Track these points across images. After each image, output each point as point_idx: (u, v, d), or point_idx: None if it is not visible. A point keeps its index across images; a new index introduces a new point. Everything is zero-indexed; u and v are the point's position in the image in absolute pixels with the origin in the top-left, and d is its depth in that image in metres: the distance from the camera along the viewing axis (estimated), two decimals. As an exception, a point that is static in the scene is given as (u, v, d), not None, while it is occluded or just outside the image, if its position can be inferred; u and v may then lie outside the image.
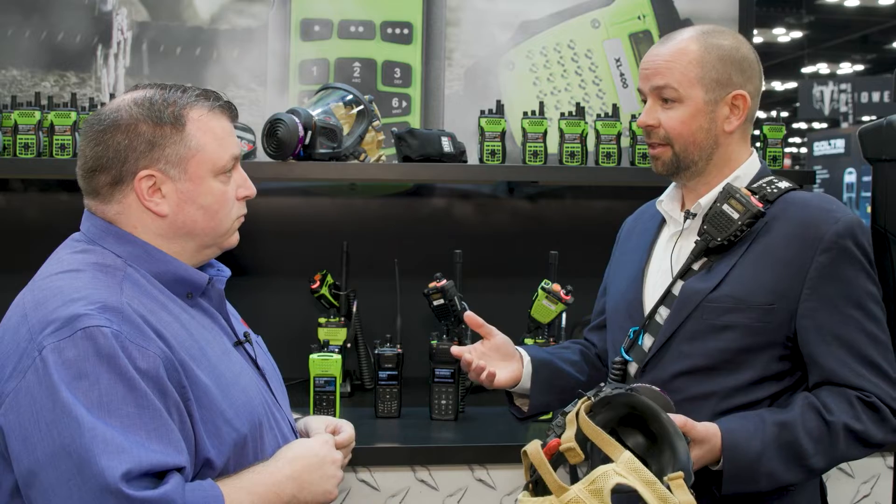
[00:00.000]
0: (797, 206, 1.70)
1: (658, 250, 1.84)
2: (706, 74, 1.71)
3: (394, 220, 2.94)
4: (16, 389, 1.31)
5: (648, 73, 1.75)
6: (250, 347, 1.58)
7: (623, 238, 2.01)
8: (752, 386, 1.67)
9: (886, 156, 2.52)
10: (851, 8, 15.65)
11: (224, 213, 1.50)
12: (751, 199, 1.68)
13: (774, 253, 1.67)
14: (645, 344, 1.76)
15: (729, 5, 3.00)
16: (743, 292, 1.66)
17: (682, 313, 1.70)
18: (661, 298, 1.74)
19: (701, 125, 1.73)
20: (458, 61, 2.93)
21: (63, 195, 2.80)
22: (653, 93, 1.75)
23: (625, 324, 1.80)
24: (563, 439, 1.46)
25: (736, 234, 1.67)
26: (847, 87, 16.08)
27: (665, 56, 1.74)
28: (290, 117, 2.36)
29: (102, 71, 2.80)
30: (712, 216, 1.69)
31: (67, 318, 1.32)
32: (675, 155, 1.74)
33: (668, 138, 1.74)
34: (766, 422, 1.61)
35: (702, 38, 1.73)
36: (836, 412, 1.61)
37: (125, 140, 1.43)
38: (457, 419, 2.38)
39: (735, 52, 1.73)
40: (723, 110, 1.73)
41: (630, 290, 1.82)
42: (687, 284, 1.71)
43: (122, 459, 1.26)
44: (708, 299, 1.67)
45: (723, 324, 1.66)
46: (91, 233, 1.47)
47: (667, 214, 1.84)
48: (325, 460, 1.52)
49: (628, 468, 1.37)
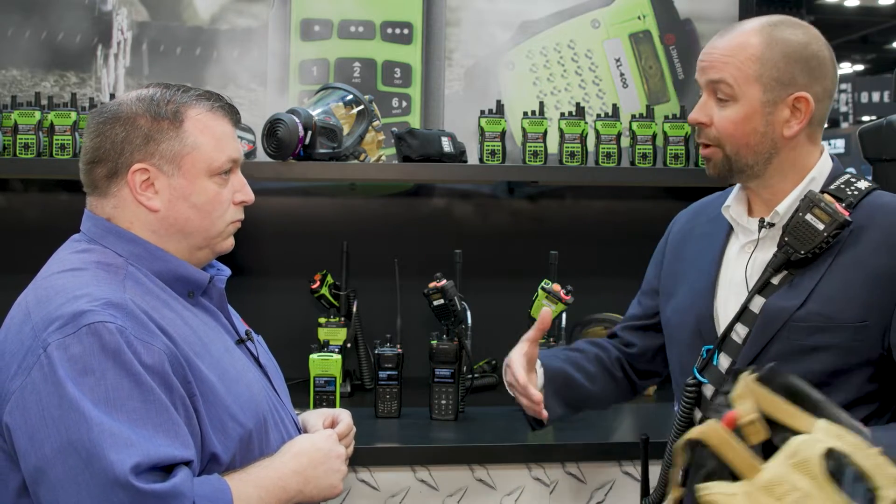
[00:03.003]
0: (885, 211, 1.55)
1: (728, 261, 1.68)
2: (766, 72, 1.56)
3: (394, 220, 2.94)
4: (21, 387, 1.31)
5: (704, 66, 1.61)
6: (252, 345, 1.59)
7: (678, 241, 1.83)
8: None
9: (886, 156, 2.52)
10: (851, 8, 15.65)
11: (217, 214, 1.50)
12: (837, 208, 1.52)
13: (864, 264, 1.52)
14: (721, 364, 1.61)
15: (729, 5, 3.00)
16: (832, 310, 1.52)
17: (766, 333, 1.55)
18: (738, 315, 1.59)
19: (755, 127, 1.58)
20: (458, 61, 2.93)
21: (63, 195, 2.80)
22: (707, 87, 1.61)
23: (694, 341, 1.66)
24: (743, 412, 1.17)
25: (821, 247, 1.53)
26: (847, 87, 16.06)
27: (723, 49, 1.59)
28: (290, 117, 2.36)
29: (102, 71, 2.80)
30: (794, 227, 1.54)
31: (72, 314, 1.32)
32: (726, 157, 1.61)
33: (718, 139, 1.60)
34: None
35: (766, 31, 1.57)
36: None
37: (123, 132, 1.44)
38: (457, 419, 2.38)
39: (803, 50, 1.57)
40: (782, 112, 1.57)
41: (699, 304, 1.67)
42: (770, 301, 1.56)
43: (130, 453, 1.26)
44: (794, 318, 1.53)
45: (812, 345, 1.52)
46: (92, 232, 1.48)
47: (734, 222, 1.68)
48: (330, 455, 1.52)
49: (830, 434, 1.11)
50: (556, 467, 2.20)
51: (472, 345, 2.50)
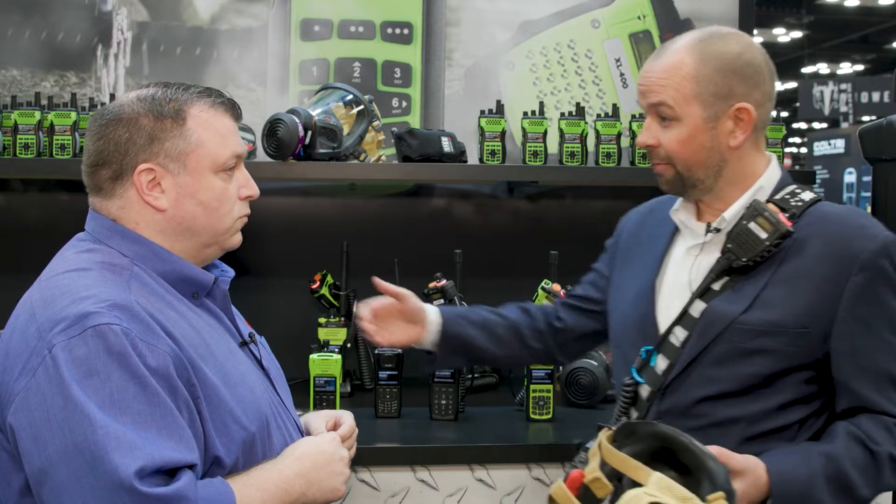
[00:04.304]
0: (828, 222, 1.59)
1: (672, 263, 1.71)
2: (704, 89, 1.58)
3: (394, 220, 2.94)
4: (26, 388, 1.31)
5: (643, 90, 1.64)
6: (255, 348, 1.58)
7: (625, 239, 1.89)
8: (780, 410, 1.58)
9: (886, 156, 2.53)
10: (851, 8, 15.65)
11: (224, 210, 1.50)
12: (780, 218, 1.57)
13: (807, 274, 1.56)
14: (659, 366, 1.65)
15: (729, 5, 3.00)
16: (776, 315, 1.56)
17: (707, 336, 1.59)
18: (679, 318, 1.63)
19: (702, 144, 1.61)
20: (458, 61, 2.93)
21: (63, 195, 2.80)
22: (650, 110, 1.64)
23: (637, 341, 1.69)
24: (588, 470, 1.33)
25: (763, 255, 1.57)
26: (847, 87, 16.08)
27: (659, 71, 1.61)
28: (290, 117, 2.36)
29: (102, 71, 2.80)
30: (738, 234, 1.58)
31: (77, 315, 1.32)
32: (678, 174, 1.64)
33: (668, 157, 1.64)
34: (812, 453, 1.52)
35: (698, 48, 1.60)
36: (880, 441, 1.52)
37: (126, 133, 1.44)
38: (457, 419, 2.38)
39: (736, 60, 1.59)
40: (726, 125, 1.60)
41: (641, 304, 1.71)
42: (713, 305, 1.60)
43: (135, 456, 1.26)
44: (738, 322, 1.57)
45: (754, 348, 1.56)
46: (97, 232, 1.48)
47: (682, 225, 1.72)
48: (333, 458, 1.52)
49: (660, 487, 1.25)
50: (556, 467, 2.20)
51: (472, 345, 2.50)
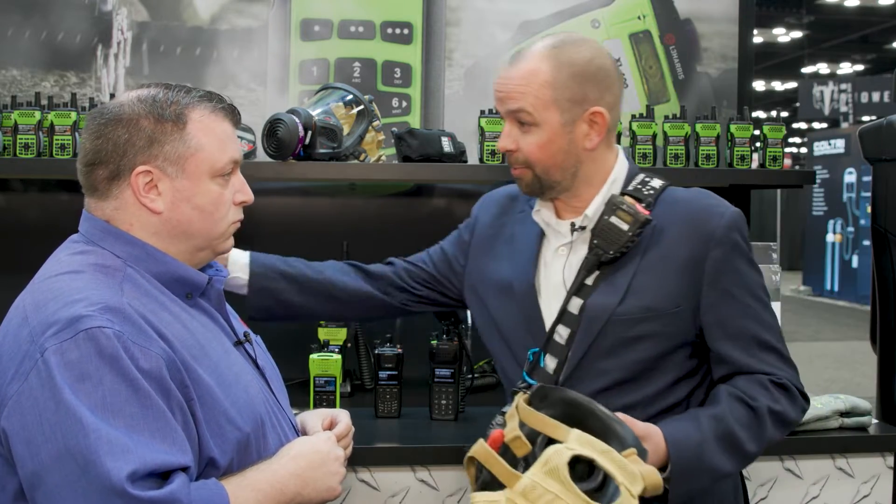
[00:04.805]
0: (681, 205, 1.71)
1: (545, 263, 1.77)
2: (560, 95, 1.65)
3: (394, 220, 2.93)
4: (18, 392, 1.31)
5: (501, 97, 1.70)
6: (250, 347, 1.58)
7: (483, 227, 1.92)
8: (670, 388, 1.70)
9: (886, 156, 2.53)
10: (851, 8, 15.65)
11: (219, 215, 1.50)
12: (637, 208, 1.67)
13: (670, 256, 1.68)
14: (548, 366, 1.71)
15: (729, 5, 3.00)
16: (650, 300, 1.66)
17: (592, 331, 1.67)
18: (559, 317, 1.70)
19: (560, 147, 1.68)
20: (458, 61, 2.93)
21: (63, 195, 2.80)
22: (508, 116, 1.70)
23: (526, 342, 1.75)
24: (507, 430, 1.40)
25: (628, 246, 1.66)
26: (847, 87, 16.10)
27: (517, 78, 1.67)
28: (290, 117, 2.36)
29: (102, 71, 2.80)
30: (601, 229, 1.68)
31: (69, 319, 1.32)
32: (536, 177, 1.71)
33: (527, 162, 1.70)
34: (701, 418, 1.63)
35: (553, 55, 1.66)
36: (758, 397, 1.65)
37: (125, 134, 1.43)
38: (457, 419, 2.38)
39: (588, 66, 1.67)
40: (581, 128, 1.68)
41: (526, 306, 1.76)
42: (591, 301, 1.68)
43: (127, 460, 1.25)
44: (617, 313, 1.66)
45: (635, 335, 1.66)
46: (90, 234, 1.47)
47: (546, 225, 1.78)
48: (328, 457, 1.52)
49: (580, 441, 1.32)
50: (556, 467, 2.20)
51: (472, 345, 2.50)
